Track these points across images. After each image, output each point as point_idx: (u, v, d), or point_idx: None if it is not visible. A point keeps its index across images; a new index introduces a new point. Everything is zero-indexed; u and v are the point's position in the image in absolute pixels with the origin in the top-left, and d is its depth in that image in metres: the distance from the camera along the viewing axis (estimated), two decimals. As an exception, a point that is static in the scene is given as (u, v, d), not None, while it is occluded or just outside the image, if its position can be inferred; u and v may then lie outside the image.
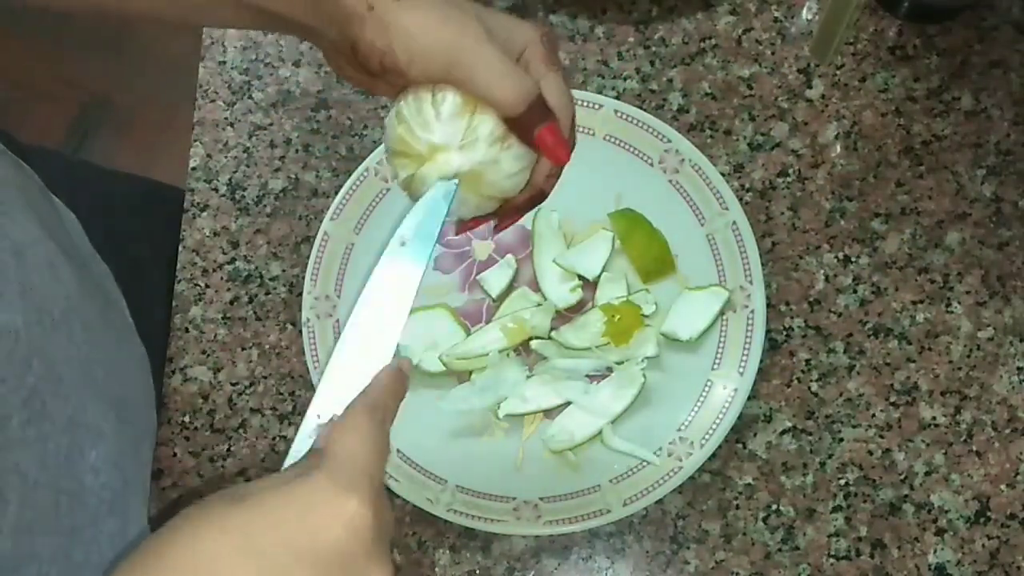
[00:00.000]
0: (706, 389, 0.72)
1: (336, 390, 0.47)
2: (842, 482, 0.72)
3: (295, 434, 0.47)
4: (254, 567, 0.39)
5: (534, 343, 0.74)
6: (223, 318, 0.78)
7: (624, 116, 0.77)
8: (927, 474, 0.72)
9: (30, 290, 0.56)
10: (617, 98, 0.80)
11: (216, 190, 0.81)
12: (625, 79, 0.82)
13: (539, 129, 0.51)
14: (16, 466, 0.51)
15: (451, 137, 0.52)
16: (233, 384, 0.77)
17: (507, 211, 0.56)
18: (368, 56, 0.50)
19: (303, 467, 0.43)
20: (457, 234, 0.59)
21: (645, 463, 0.71)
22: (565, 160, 0.52)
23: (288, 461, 0.46)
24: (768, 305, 0.73)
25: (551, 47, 0.53)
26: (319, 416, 0.46)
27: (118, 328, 0.71)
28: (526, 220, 0.77)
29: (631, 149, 0.77)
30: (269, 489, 0.41)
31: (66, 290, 0.61)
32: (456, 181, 0.52)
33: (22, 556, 0.51)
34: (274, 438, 0.75)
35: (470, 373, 0.74)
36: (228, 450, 0.75)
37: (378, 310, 0.50)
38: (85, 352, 0.61)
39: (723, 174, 0.76)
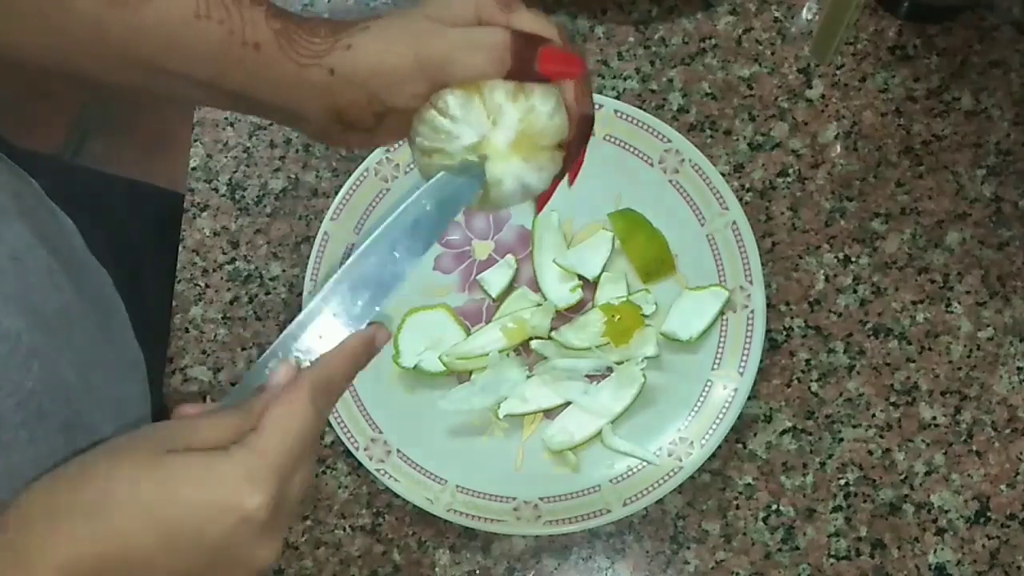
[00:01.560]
0: (706, 389, 0.72)
1: (313, 329, 0.48)
2: (842, 482, 0.72)
3: None
4: (152, 533, 0.41)
5: (534, 343, 0.74)
6: (223, 318, 0.78)
7: (624, 116, 0.77)
8: (927, 474, 0.72)
9: (29, 294, 0.56)
10: (617, 98, 0.80)
11: (216, 190, 0.81)
12: (625, 79, 0.82)
13: (537, 63, 0.50)
14: (13, 468, 0.51)
15: (479, 126, 0.51)
16: (233, 384, 0.77)
17: (569, 156, 0.54)
18: (359, 115, 0.50)
19: (232, 427, 0.43)
20: (539, 210, 0.58)
21: (645, 463, 0.71)
22: (580, 69, 0.51)
23: (243, 382, 0.47)
24: (768, 305, 0.73)
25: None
26: (287, 346, 0.47)
27: (116, 333, 0.71)
28: (526, 220, 0.77)
29: (631, 149, 0.77)
30: (193, 456, 0.42)
31: (63, 296, 0.61)
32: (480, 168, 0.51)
33: None
34: (274, 438, 0.75)
35: (470, 373, 0.74)
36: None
37: (383, 260, 0.50)
38: (83, 356, 0.61)
39: (723, 174, 0.76)
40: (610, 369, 0.74)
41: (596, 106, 0.77)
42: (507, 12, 0.51)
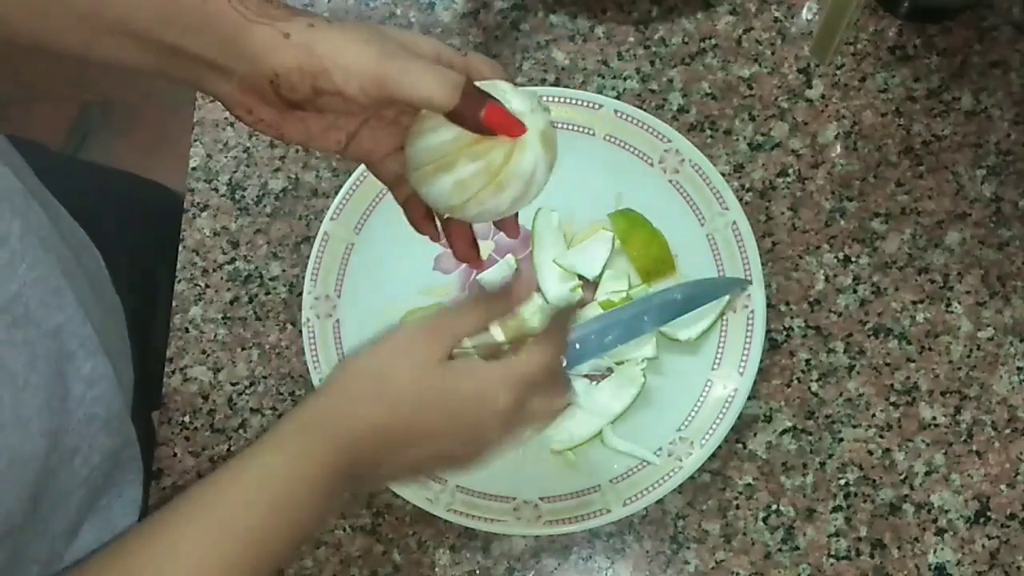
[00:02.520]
0: (706, 389, 0.72)
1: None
2: (842, 482, 0.72)
3: None
4: (429, 414, 0.54)
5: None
6: (223, 318, 0.78)
7: (624, 116, 0.77)
8: (927, 474, 0.72)
9: (17, 209, 0.57)
10: (617, 98, 0.80)
11: (216, 190, 0.81)
12: (625, 79, 0.82)
13: (482, 113, 0.51)
14: (4, 365, 0.51)
15: (524, 103, 0.52)
16: (233, 384, 0.77)
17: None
18: (297, 82, 0.50)
19: (489, 350, 0.58)
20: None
21: (645, 463, 0.71)
22: (521, 131, 0.53)
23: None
24: (768, 305, 0.73)
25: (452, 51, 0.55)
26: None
27: (92, 273, 0.72)
28: (526, 220, 0.77)
29: (631, 149, 0.77)
30: (464, 363, 0.56)
31: (40, 220, 0.62)
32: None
33: (22, 450, 0.52)
34: (274, 438, 0.75)
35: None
36: (228, 450, 0.75)
37: (635, 317, 0.71)
38: (71, 273, 0.62)
39: (723, 174, 0.76)
40: (610, 369, 0.74)
41: (596, 106, 0.77)
42: (463, 59, 0.54)
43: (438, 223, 0.59)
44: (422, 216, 0.59)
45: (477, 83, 0.52)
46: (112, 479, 0.67)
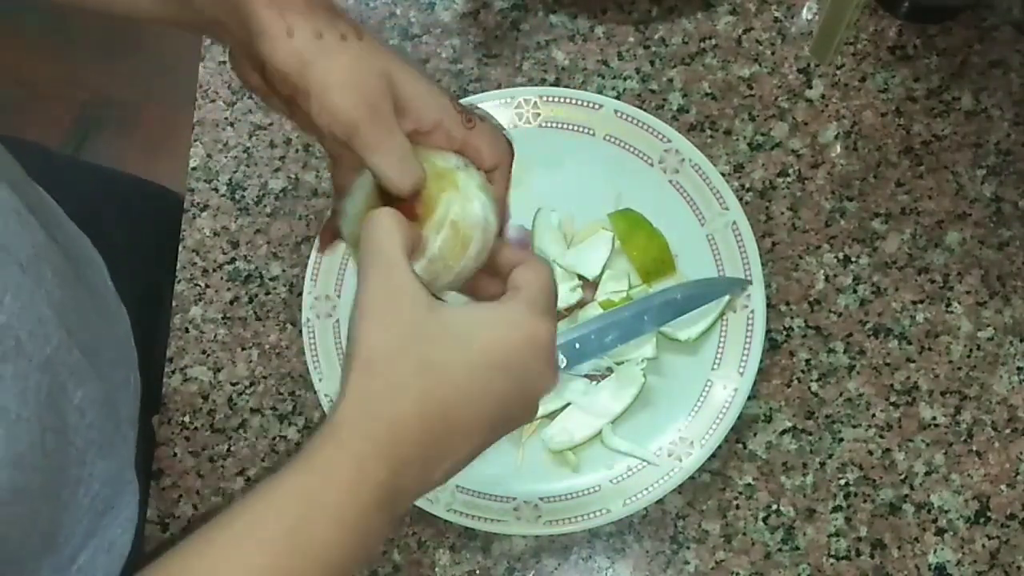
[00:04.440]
0: (706, 389, 0.72)
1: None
2: (842, 482, 0.72)
3: (295, 434, 0.48)
4: (472, 376, 0.46)
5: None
6: (223, 318, 0.78)
7: (624, 116, 0.77)
8: (927, 474, 0.72)
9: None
10: (617, 98, 0.80)
11: (216, 190, 0.81)
12: (625, 79, 0.82)
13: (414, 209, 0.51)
14: (1, 405, 0.51)
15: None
16: (233, 384, 0.77)
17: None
18: (279, 84, 0.49)
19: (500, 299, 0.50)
20: None
21: (645, 463, 0.71)
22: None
23: None
24: (768, 305, 0.73)
25: (462, 109, 0.53)
26: None
27: (92, 281, 0.71)
28: (526, 220, 0.77)
29: (631, 149, 0.77)
30: (480, 308, 0.50)
31: (33, 238, 0.60)
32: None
33: (14, 489, 0.51)
34: (274, 438, 0.75)
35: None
36: (228, 450, 0.75)
37: (635, 317, 0.72)
38: (58, 297, 0.60)
39: (723, 174, 0.76)
40: (610, 369, 0.74)
41: (596, 106, 0.77)
42: (466, 129, 0.53)
43: None
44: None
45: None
46: (112, 502, 0.66)
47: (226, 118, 0.83)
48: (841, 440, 0.73)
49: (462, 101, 0.56)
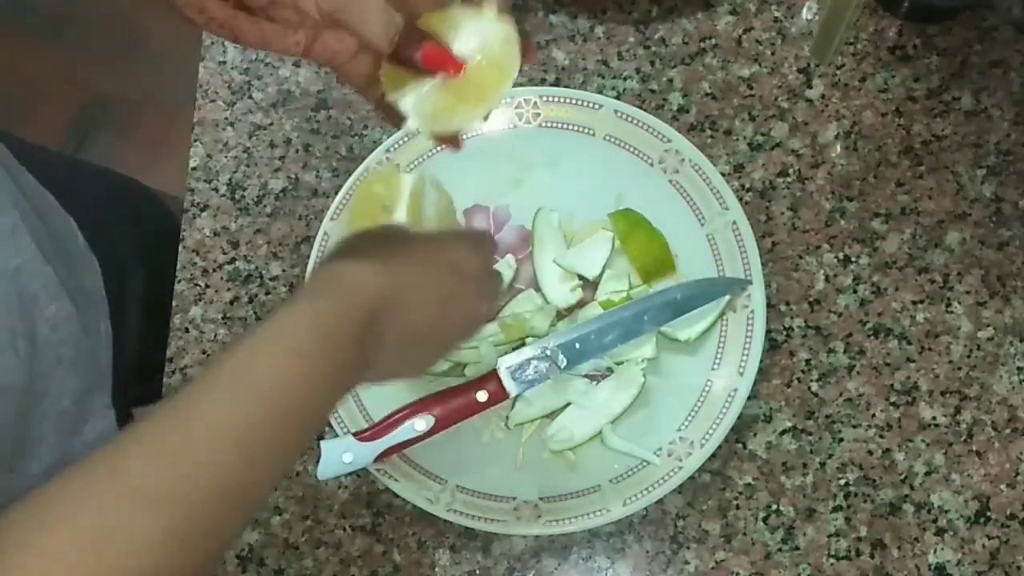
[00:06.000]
0: (706, 389, 0.72)
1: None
2: (842, 482, 0.72)
3: None
4: (433, 266, 0.55)
5: (529, 341, 0.74)
6: (223, 318, 0.78)
7: (624, 116, 0.77)
8: (927, 474, 0.72)
9: None
10: (617, 98, 0.80)
11: (216, 190, 0.81)
12: (625, 79, 0.82)
13: (419, 54, 0.52)
14: None
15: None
16: (233, 384, 0.76)
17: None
18: None
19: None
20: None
21: (645, 463, 0.71)
22: (458, 68, 0.53)
23: None
24: (768, 305, 0.73)
25: None
26: None
27: (61, 235, 0.72)
28: (526, 220, 0.77)
29: (631, 149, 0.77)
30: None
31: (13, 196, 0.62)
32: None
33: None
34: (274, 438, 0.75)
35: (464, 367, 0.74)
36: (228, 450, 0.75)
37: (635, 317, 0.73)
38: (32, 220, 0.61)
39: (723, 174, 0.76)
40: (610, 369, 0.74)
41: (596, 106, 0.77)
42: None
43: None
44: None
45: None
46: (81, 423, 0.67)
47: (226, 118, 0.83)
48: (841, 440, 0.73)
49: None
